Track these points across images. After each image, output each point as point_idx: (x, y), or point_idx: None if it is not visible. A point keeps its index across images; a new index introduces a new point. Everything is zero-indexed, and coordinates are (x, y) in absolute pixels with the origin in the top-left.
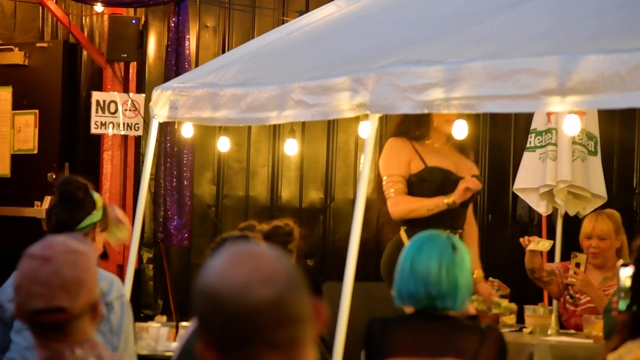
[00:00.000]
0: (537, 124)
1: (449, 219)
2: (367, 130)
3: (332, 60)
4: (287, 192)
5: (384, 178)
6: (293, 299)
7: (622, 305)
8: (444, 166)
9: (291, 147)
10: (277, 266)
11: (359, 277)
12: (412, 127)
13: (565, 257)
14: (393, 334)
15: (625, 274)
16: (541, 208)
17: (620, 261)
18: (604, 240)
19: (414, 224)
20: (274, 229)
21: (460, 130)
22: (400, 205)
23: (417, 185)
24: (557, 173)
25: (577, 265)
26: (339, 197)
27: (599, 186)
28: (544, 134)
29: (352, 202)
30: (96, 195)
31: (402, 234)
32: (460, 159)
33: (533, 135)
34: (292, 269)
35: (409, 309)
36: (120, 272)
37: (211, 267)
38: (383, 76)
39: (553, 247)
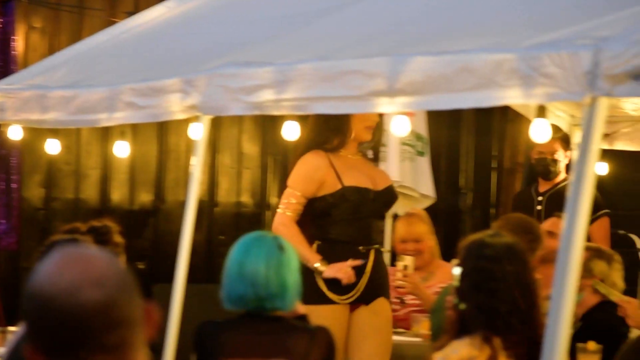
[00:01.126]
0: None
1: (368, 234)
2: (198, 132)
3: (163, 62)
4: (118, 194)
5: (287, 188)
6: (123, 301)
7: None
8: (361, 184)
9: (121, 149)
10: (107, 268)
11: (190, 279)
12: (330, 137)
13: (395, 257)
14: (223, 336)
15: (456, 274)
16: None
17: (454, 261)
18: (420, 242)
19: (329, 240)
20: (91, 229)
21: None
22: (283, 231)
23: (335, 206)
24: None
25: (405, 267)
26: (170, 199)
27: (427, 186)
28: None
29: (183, 204)
30: None
31: (314, 248)
32: (374, 169)
33: None
34: (122, 272)
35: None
36: None
37: (40, 270)
38: (213, 78)
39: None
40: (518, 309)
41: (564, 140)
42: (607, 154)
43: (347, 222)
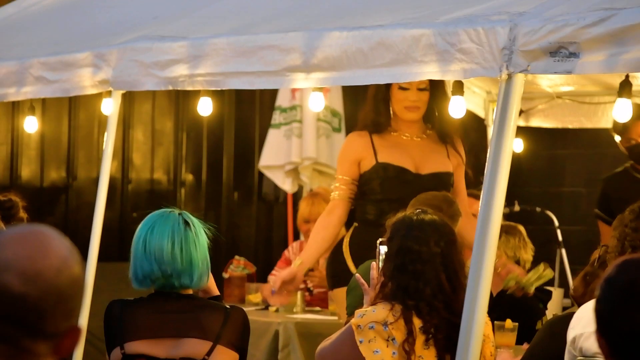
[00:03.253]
0: (281, 100)
1: None
2: (110, 107)
3: (74, 36)
4: (27, 171)
5: (336, 176)
6: (41, 308)
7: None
8: (396, 162)
9: (31, 125)
10: (51, 269)
11: (102, 257)
12: (372, 117)
13: (299, 236)
14: (134, 315)
15: (383, 252)
16: (287, 185)
17: (380, 240)
18: None
19: (363, 221)
20: None
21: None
22: (320, 219)
23: (368, 183)
24: (302, 150)
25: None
26: (82, 176)
27: None
28: (288, 110)
29: (95, 181)
30: None
31: (350, 231)
32: (431, 152)
33: (278, 112)
34: (65, 282)
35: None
36: None
37: None
38: (126, 52)
39: (297, 230)
40: (443, 290)
41: None
42: (522, 131)
43: (380, 202)
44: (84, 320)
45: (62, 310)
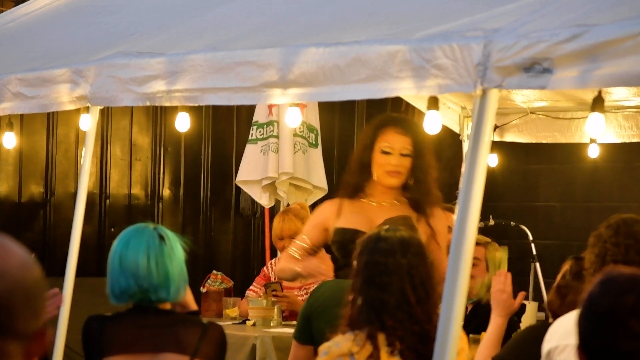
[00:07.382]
0: (258, 116)
1: None
2: (88, 123)
3: (52, 52)
4: (5, 186)
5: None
6: (8, 307)
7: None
8: (352, 226)
9: (9, 141)
10: (13, 269)
11: (80, 272)
12: (350, 180)
13: (276, 253)
14: (112, 330)
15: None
16: (264, 200)
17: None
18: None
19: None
20: None
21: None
22: (279, 264)
23: (333, 252)
24: (279, 165)
25: (274, 290)
26: (60, 191)
27: (319, 178)
28: (265, 126)
29: (74, 196)
30: None
31: None
32: (393, 212)
33: (255, 127)
34: (29, 280)
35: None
36: None
37: None
38: (104, 68)
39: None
40: (407, 302)
41: None
42: (496, 146)
43: (343, 268)
44: (62, 334)
45: (30, 308)
